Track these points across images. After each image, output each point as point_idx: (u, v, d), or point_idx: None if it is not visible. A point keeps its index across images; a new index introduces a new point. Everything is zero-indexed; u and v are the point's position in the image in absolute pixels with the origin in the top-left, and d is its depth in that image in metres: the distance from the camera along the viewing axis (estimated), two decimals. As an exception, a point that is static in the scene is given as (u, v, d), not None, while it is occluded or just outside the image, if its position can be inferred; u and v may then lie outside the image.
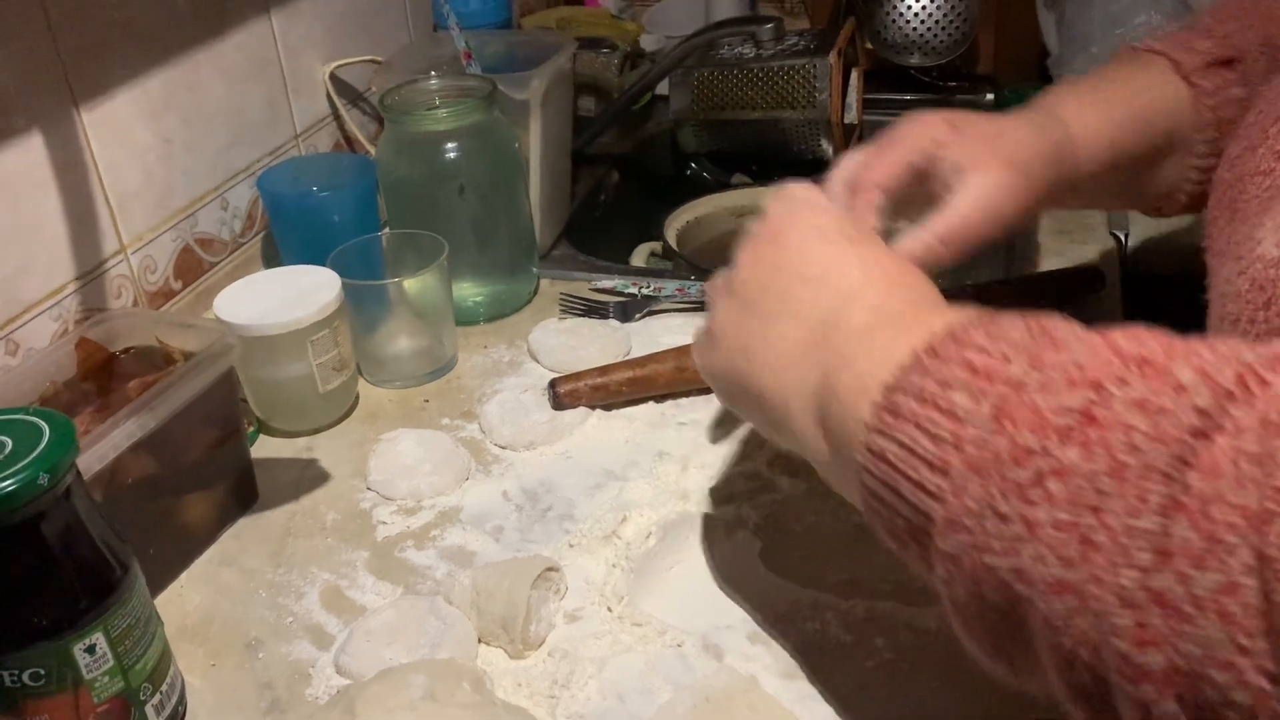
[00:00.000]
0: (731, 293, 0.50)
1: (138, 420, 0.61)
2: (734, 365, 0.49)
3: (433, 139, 0.86)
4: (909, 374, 0.39)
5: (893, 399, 0.39)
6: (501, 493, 0.72)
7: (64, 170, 0.75)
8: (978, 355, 0.37)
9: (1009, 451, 0.34)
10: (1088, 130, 0.64)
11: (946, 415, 0.37)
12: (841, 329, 0.44)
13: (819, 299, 0.46)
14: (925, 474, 0.37)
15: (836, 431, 0.43)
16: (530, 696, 0.56)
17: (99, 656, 0.50)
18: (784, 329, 0.46)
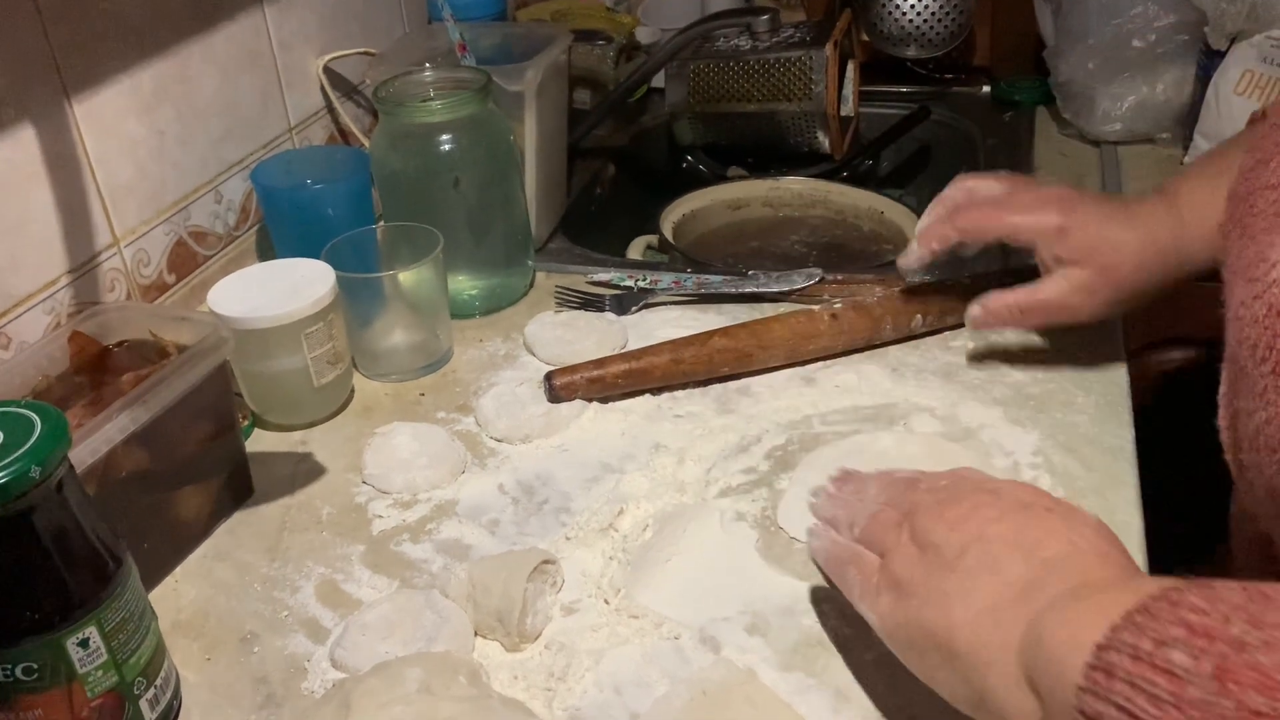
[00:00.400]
0: (924, 548, 0.48)
1: (131, 413, 0.60)
2: (925, 617, 0.46)
3: (427, 131, 0.86)
4: (1121, 632, 0.38)
5: (1106, 658, 0.37)
6: (497, 486, 0.72)
7: (56, 163, 0.75)
8: (1194, 615, 0.36)
9: (1235, 713, 0.33)
10: (1198, 216, 0.68)
11: (1164, 674, 0.35)
12: (1048, 590, 0.43)
13: (1027, 564, 0.45)
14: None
15: (1045, 692, 0.41)
16: (527, 689, 0.56)
17: (92, 651, 0.50)
18: (986, 586, 0.45)
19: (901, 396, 0.77)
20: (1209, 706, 0.34)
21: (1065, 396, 0.76)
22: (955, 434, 0.73)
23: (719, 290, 0.90)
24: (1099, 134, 1.15)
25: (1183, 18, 1.10)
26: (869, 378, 0.79)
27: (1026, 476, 0.68)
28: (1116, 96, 1.13)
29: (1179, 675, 0.35)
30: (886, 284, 0.89)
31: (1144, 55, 1.12)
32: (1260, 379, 0.52)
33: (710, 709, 0.53)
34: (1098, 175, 1.10)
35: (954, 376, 0.79)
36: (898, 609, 0.48)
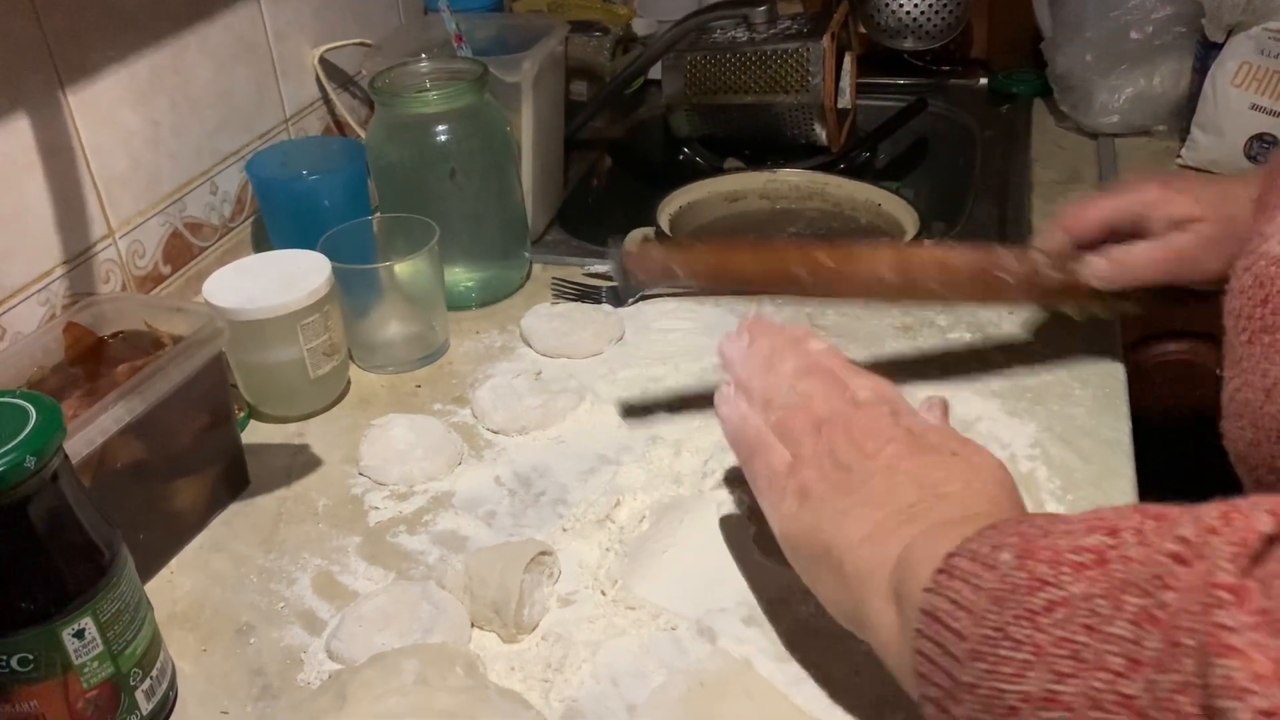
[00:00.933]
0: (835, 465, 0.51)
1: (126, 404, 0.60)
2: (821, 530, 0.50)
3: (423, 122, 0.85)
4: (969, 542, 0.41)
5: (950, 562, 0.41)
6: (494, 478, 0.71)
7: (50, 153, 0.74)
8: (1032, 527, 0.39)
9: (1026, 583, 0.37)
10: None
11: (989, 569, 0.39)
12: (930, 519, 0.46)
13: (920, 496, 0.48)
14: (962, 619, 0.39)
15: (903, 602, 0.44)
16: (523, 680, 0.56)
17: (88, 641, 0.50)
18: (880, 512, 0.48)
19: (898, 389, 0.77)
20: (1006, 578, 0.37)
21: (1063, 389, 0.76)
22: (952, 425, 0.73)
23: (716, 282, 0.90)
24: (1096, 126, 1.15)
25: (1180, 10, 1.10)
26: (866, 369, 0.79)
27: (1024, 468, 0.68)
28: (1114, 89, 1.13)
29: (998, 568, 0.38)
30: (883, 276, 0.88)
31: (1141, 47, 1.11)
32: (1239, 347, 0.53)
33: (707, 700, 0.54)
34: (1095, 167, 1.10)
35: (951, 368, 0.79)
36: (800, 516, 0.51)
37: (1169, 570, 0.32)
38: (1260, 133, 1.03)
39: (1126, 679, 0.32)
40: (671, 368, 0.81)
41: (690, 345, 0.84)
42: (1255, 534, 0.31)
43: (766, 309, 0.88)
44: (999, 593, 0.38)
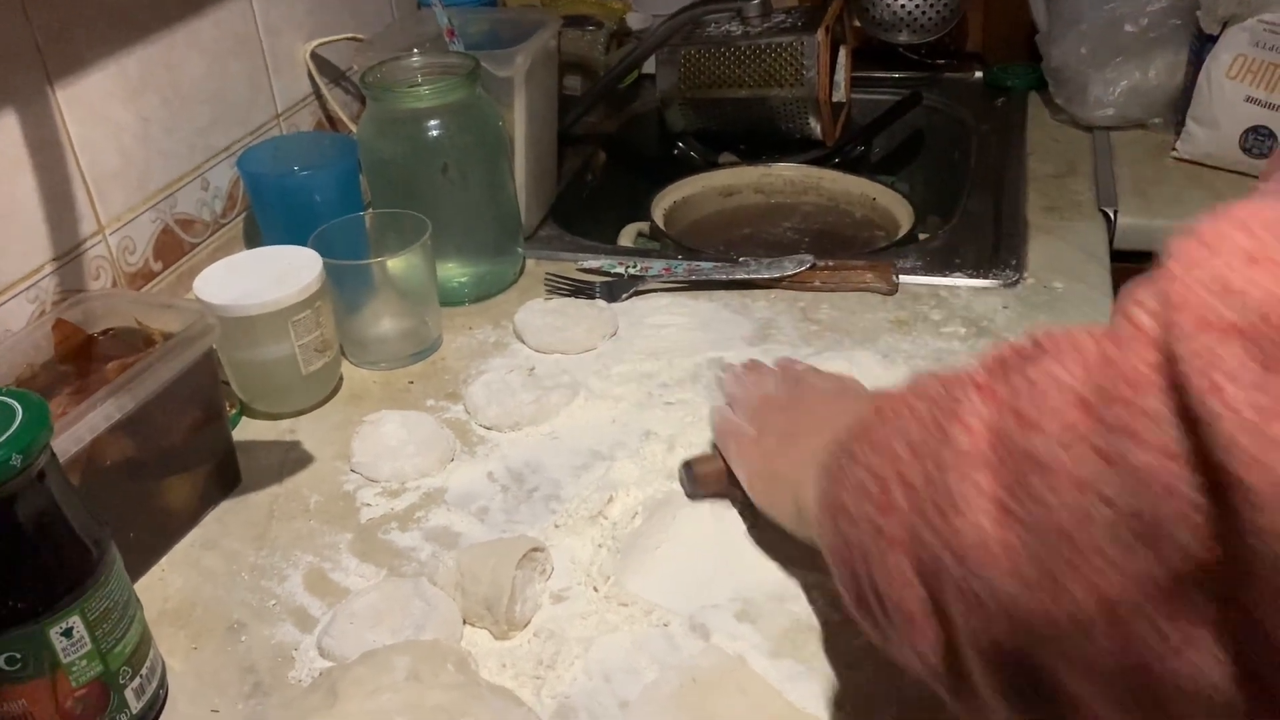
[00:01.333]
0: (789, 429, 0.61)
1: (116, 402, 0.60)
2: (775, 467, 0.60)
3: (415, 117, 0.85)
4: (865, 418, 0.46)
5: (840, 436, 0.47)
6: (487, 474, 0.71)
7: (39, 150, 0.74)
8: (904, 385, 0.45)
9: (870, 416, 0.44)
10: None
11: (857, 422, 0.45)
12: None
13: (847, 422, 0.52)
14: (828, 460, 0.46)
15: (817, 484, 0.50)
16: (515, 677, 0.56)
17: (76, 640, 0.50)
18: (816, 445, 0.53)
19: (893, 382, 0.77)
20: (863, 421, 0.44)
21: (1056, 382, 0.75)
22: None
23: (710, 277, 0.90)
24: (1091, 119, 1.14)
25: (1175, 2, 1.10)
26: (860, 364, 0.79)
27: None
28: (1109, 81, 1.12)
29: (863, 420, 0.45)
30: (878, 270, 0.88)
31: (1136, 40, 1.11)
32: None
33: (700, 696, 0.53)
34: (1090, 160, 1.10)
35: (945, 363, 0.79)
36: (762, 465, 0.62)
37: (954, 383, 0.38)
38: (1255, 125, 1.03)
39: (906, 463, 0.39)
40: (665, 363, 0.81)
41: (683, 341, 0.84)
42: (1010, 347, 0.37)
43: (760, 303, 0.88)
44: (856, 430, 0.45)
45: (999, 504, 0.33)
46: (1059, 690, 0.33)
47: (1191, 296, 0.28)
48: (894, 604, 0.39)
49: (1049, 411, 0.32)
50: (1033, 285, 0.88)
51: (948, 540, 0.35)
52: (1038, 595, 0.32)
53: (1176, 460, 0.27)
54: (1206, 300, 0.27)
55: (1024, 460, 0.32)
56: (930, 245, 0.97)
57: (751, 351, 0.81)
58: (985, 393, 0.36)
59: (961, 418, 0.36)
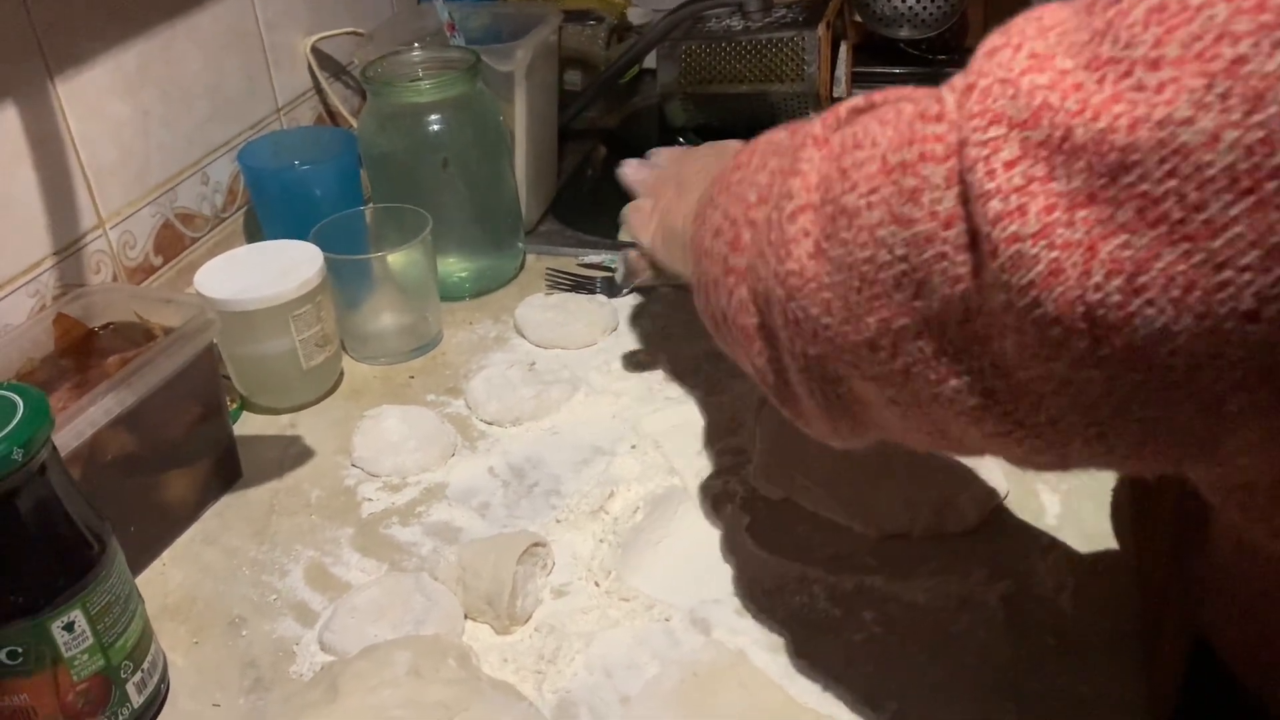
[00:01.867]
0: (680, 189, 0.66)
1: (116, 396, 0.60)
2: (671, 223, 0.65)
3: (415, 111, 0.85)
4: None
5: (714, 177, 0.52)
6: (488, 469, 0.71)
7: (39, 143, 0.74)
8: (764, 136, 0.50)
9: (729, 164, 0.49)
10: None
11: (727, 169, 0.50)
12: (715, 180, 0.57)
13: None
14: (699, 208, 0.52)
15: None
16: (517, 672, 0.56)
17: (78, 634, 0.50)
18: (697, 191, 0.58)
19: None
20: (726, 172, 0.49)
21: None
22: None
23: (710, 272, 0.90)
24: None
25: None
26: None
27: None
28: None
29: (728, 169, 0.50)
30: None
31: (1137, 36, 1.11)
32: None
33: (701, 691, 0.53)
34: (1091, 156, 1.10)
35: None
36: (660, 225, 0.67)
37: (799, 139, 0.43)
38: (1256, 121, 1.02)
39: (754, 207, 0.45)
40: (665, 359, 0.81)
41: (684, 336, 0.83)
42: (846, 106, 0.43)
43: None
44: (719, 177, 0.50)
45: (816, 244, 0.40)
46: (852, 391, 0.41)
47: (984, 88, 0.32)
48: (735, 325, 0.46)
49: (862, 168, 0.38)
50: (1033, 281, 0.88)
51: (777, 272, 0.41)
52: (840, 319, 0.39)
53: (947, 226, 0.34)
54: (994, 93, 0.32)
55: (837, 209, 0.39)
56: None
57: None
58: (820, 144, 0.42)
59: (799, 168, 0.41)
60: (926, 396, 0.37)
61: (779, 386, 0.45)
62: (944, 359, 0.36)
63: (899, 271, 0.36)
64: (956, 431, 0.38)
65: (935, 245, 0.34)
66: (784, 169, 0.43)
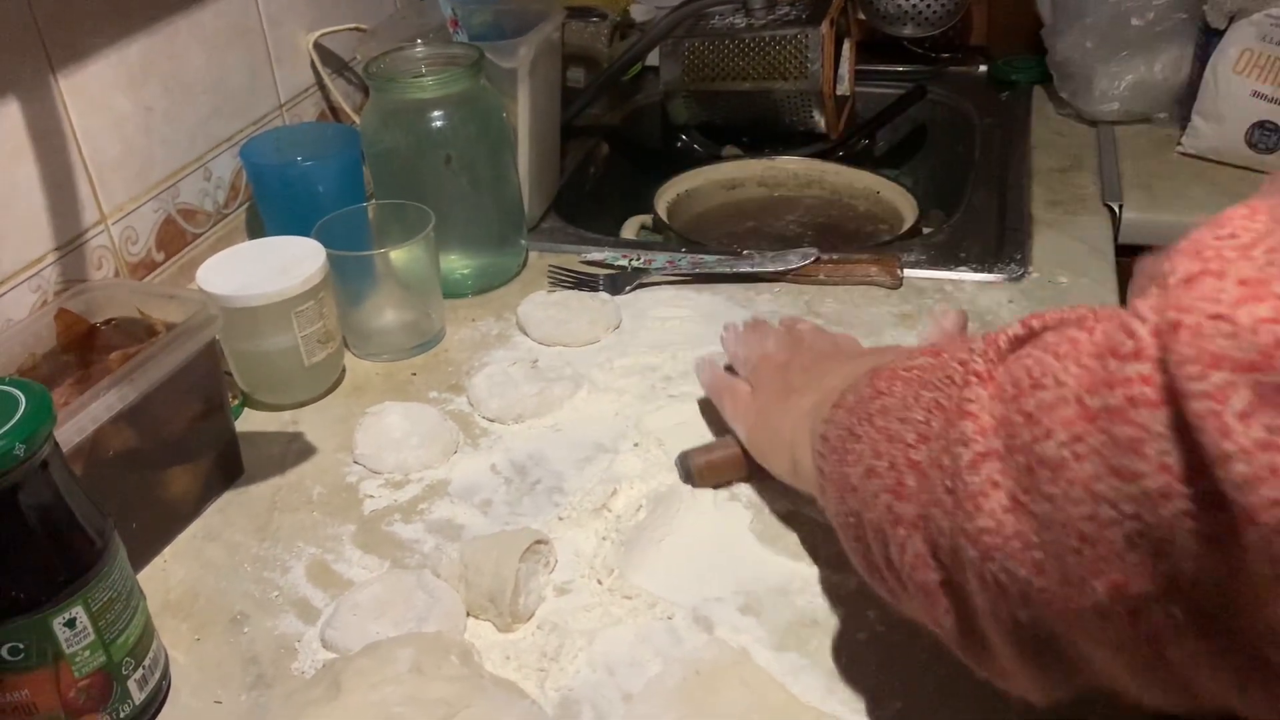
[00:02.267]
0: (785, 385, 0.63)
1: (118, 392, 0.59)
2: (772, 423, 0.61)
3: (418, 108, 0.85)
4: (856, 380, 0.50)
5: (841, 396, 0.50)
6: (490, 466, 0.71)
7: (41, 138, 0.74)
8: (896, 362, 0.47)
9: (870, 395, 0.47)
10: None
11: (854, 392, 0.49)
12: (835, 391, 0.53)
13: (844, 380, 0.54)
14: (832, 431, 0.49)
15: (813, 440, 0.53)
16: (519, 669, 0.56)
17: (79, 630, 0.49)
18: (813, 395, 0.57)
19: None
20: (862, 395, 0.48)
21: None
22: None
23: (714, 270, 0.89)
24: (1096, 113, 1.14)
25: (1181, -4, 1.10)
26: (864, 358, 0.79)
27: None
28: (1114, 75, 1.12)
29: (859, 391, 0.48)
30: (882, 264, 0.88)
31: (1142, 34, 1.11)
32: None
33: (703, 689, 0.53)
34: (1095, 155, 1.10)
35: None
36: (759, 421, 0.63)
37: (954, 370, 0.40)
38: (1261, 120, 1.02)
39: (915, 448, 0.41)
40: (669, 356, 0.81)
41: (688, 333, 0.83)
42: (1005, 336, 0.39)
43: (764, 296, 0.87)
44: (854, 405, 0.48)
45: (1012, 497, 0.35)
46: (1078, 655, 0.36)
47: (1192, 326, 0.28)
48: (909, 578, 0.41)
49: (1053, 413, 0.33)
50: (1037, 279, 0.88)
51: (963, 527, 0.36)
52: (1057, 584, 0.33)
53: (1183, 481, 0.29)
54: (1207, 332, 0.27)
55: (1033, 459, 0.34)
56: (935, 239, 0.97)
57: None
58: (986, 382, 0.38)
59: (967, 409, 0.37)
60: (1178, 663, 0.32)
61: (969, 645, 0.40)
62: (1199, 625, 0.31)
63: (1130, 530, 0.31)
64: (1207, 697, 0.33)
65: (1174, 502, 0.29)
66: (947, 407, 0.39)
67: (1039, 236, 0.94)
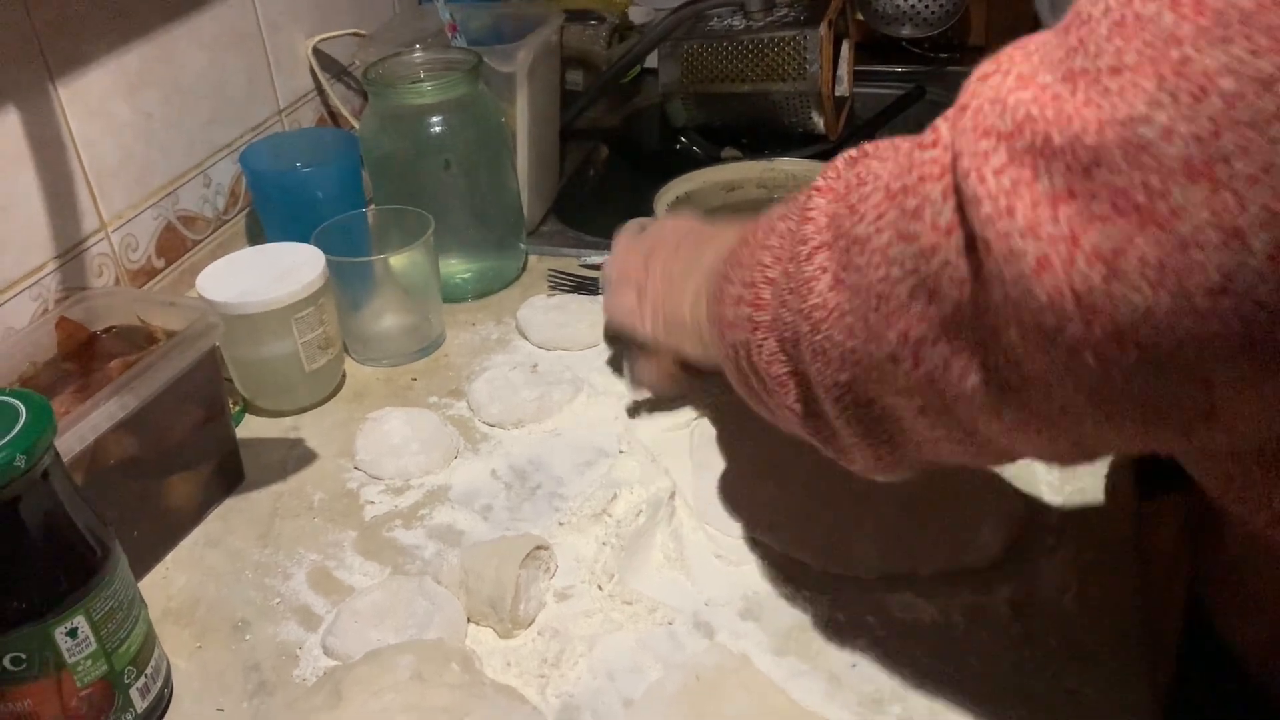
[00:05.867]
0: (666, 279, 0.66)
1: (119, 400, 0.60)
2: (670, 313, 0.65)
3: (417, 113, 0.85)
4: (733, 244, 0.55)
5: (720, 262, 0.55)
6: (490, 471, 0.71)
7: (41, 146, 0.74)
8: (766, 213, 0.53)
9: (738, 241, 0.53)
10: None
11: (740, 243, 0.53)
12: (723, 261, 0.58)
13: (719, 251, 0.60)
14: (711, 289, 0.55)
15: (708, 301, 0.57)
16: (520, 676, 0.56)
17: (81, 640, 0.50)
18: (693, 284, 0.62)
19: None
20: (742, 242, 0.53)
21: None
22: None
23: (713, 273, 0.89)
24: (1095, 113, 1.14)
25: (1180, -5, 1.09)
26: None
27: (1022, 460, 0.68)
28: (1113, 75, 1.12)
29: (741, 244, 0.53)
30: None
31: (1141, 34, 1.11)
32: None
33: (704, 694, 0.53)
34: (1094, 155, 1.09)
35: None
36: (658, 319, 0.66)
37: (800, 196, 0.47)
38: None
39: (770, 268, 0.48)
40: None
41: (687, 337, 0.83)
42: (844, 155, 0.46)
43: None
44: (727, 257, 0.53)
45: (834, 276, 0.42)
46: (886, 410, 0.43)
47: (975, 107, 0.35)
48: (767, 375, 0.48)
49: (867, 200, 0.41)
50: (1037, 281, 0.88)
51: (800, 310, 0.44)
52: (863, 341, 0.41)
53: (948, 235, 0.36)
54: (985, 111, 0.34)
55: (849, 240, 0.41)
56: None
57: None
58: (825, 192, 0.45)
59: (809, 216, 0.45)
60: (951, 397, 0.39)
61: (817, 426, 0.47)
62: (960, 358, 0.38)
63: (911, 285, 0.38)
64: (983, 429, 0.40)
65: (940, 254, 0.37)
66: (793, 224, 0.46)
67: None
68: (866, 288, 0.40)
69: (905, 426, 0.43)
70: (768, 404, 0.51)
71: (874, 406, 0.43)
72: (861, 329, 0.41)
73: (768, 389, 0.49)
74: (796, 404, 0.48)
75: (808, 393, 0.47)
